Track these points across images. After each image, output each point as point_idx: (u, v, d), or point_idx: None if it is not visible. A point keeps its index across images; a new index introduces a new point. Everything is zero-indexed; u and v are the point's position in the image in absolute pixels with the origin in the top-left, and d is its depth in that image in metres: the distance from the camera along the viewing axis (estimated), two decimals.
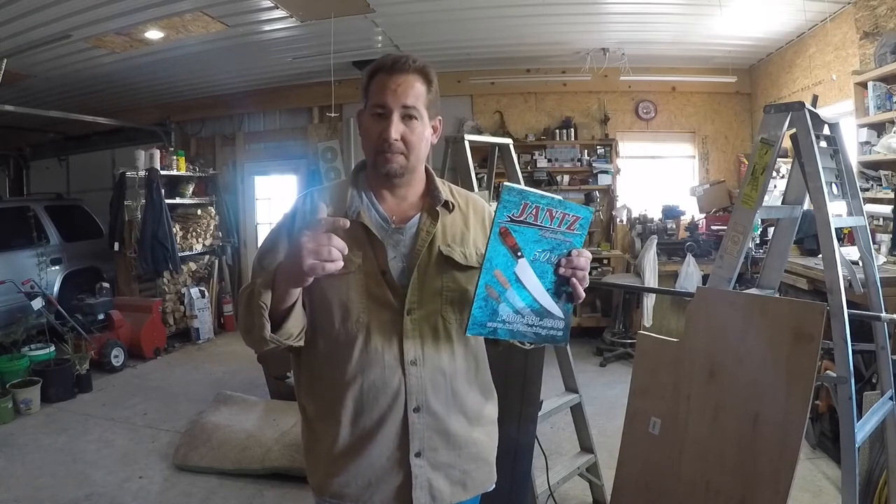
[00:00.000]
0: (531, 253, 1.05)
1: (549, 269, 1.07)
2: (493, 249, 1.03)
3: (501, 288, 1.06)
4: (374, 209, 1.18)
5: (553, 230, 1.05)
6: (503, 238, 1.03)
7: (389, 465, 1.12)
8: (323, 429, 1.16)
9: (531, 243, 1.05)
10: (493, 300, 1.06)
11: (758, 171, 1.79)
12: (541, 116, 6.28)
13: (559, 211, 1.04)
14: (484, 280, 1.04)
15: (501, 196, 1.00)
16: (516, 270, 1.05)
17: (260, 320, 1.01)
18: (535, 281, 1.08)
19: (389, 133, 1.10)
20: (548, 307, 1.10)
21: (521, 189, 1.02)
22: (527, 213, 1.02)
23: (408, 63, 1.12)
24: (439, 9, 4.34)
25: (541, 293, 1.09)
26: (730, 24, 4.66)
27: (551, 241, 1.06)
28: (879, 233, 3.58)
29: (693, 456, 1.65)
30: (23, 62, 4.83)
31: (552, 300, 1.10)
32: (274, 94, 6.57)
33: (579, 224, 1.06)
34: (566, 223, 1.05)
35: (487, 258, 1.03)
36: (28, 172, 8.36)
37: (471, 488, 1.20)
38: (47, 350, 4.43)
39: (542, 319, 1.10)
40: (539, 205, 1.02)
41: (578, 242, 1.07)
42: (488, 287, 1.05)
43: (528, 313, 1.09)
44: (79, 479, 3.08)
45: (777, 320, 1.56)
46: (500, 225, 1.02)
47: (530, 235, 1.04)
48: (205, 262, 6.54)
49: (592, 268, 6.14)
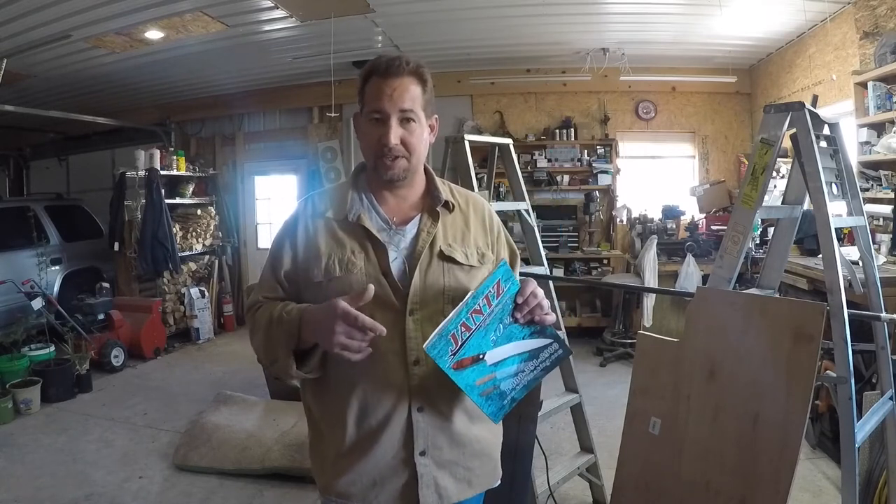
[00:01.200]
0: (489, 344, 1.05)
1: (513, 327, 1.08)
2: (460, 378, 1.03)
3: (491, 381, 1.07)
4: (374, 211, 1.19)
5: (489, 314, 1.04)
6: (460, 367, 1.03)
7: (395, 465, 1.13)
8: (328, 429, 1.17)
9: (483, 341, 1.05)
10: (492, 392, 1.08)
11: (758, 171, 1.79)
12: (541, 116, 6.28)
13: (480, 300, 1.03)
14: (475, 395, 1.06)
15: (429, 353, 1.00)
16: (490, 364, 1.06)
17: (286, 361, 1.07)
18: (510, 347, 1.09)
19: (389, 138, 1.11)
20: (535, 346, 1.11)
21: (439, 333, 1.00)
22: (460, 337, 1.02)
23: (402, 65, 1.11)
24: (439, 9, 4.34)
25: (521, 346, 1.10)
26: (730, 24, 4.65)
27: (495, 317, 1.05)
28: (879, 233, 3.58)
29: (693, 456, 1.65)
30: (23, 62, 4.83)
31: (534, 339, 1.11)
32: (274, 94, 6.57)
33: (503, 282, 1.05)
34: (493, 296, 1.04)
35: (462, 386, 1.04)
36: (28, 172, 8.36)
37: (476, 485, 1.21)
38: (47, 350, 4.43)
39: (539, 357, 1.12)
40: (461, 321, 1.02)
41: (514, 288, 1.07)
42: (482, 394, 1.07)
43: (525, 366, 1.11)
44: (79, 479, 3.08)
45: (777, 320, 1.56)
46: (450, 368, 1.02)
47: (477, 340, 1.04)
48: (205, 262, 6.54)
49: (592, 268, 6.13)
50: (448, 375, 1.02)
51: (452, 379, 1.03)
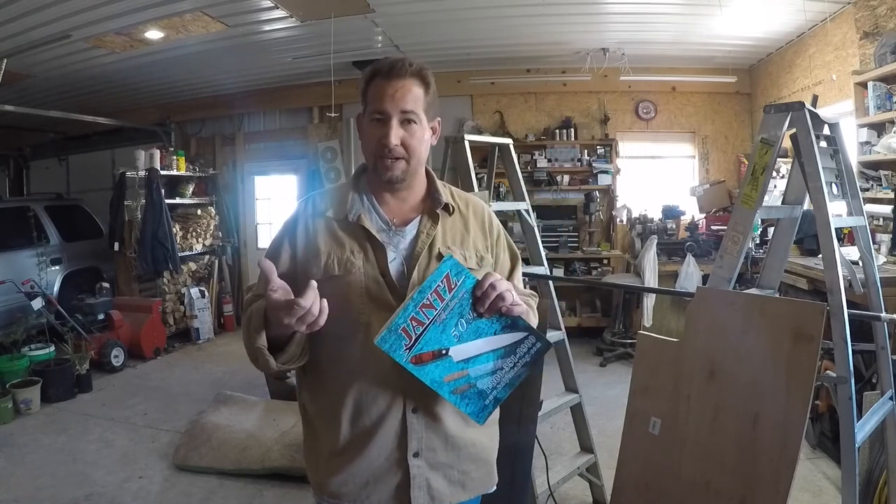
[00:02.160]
0: (450, 339, 1.03)
1: (480, 322, 1.06)
2: (423, 373, 1.02)
3: (463, 379, 1.05)
4: (374, 212, 1.19)
5: (443, 308, 1.02)
6: (420, 362, 1.01)
7: (388, 465, 1.13)
8: (323, 429, 1.17)
9: (442, 336, 1.02)
10: (468, 391, 1.06)
11: (758, 171, 1.79)
12: (541, 116, 6.28)
13: (428, 294, 1.01)
14: (445, 392, 1.04)
15: (382, 348, 0.98)
16: (457, 360, 1.04)
17: (263, 357, 1.05)
18: (480, 343, 1.06)
19: (389, 139, 1.11)
20: (510, 342, 1.09)
21: (388, 327, 0.99)
22: (412, 332, 1.00)
23: (405, 67, 1.12)
24: (439, 9, 4.34)
25: (493, 342, 1.07)
26: (730, 24, 4.65)
27: (453, 312, 1.03)
28: (879, 233, 3.58)
29: (693, 456, 1.65)
30: (23, 62, 4.83)
31: (506, 334, 1.08)
32: (274, 94, 6.57)
33: (454, 276, 1.02)
34: (443, 290, 1.02)
35: (428, 382, 1.02)
36: (28, 172, 8.36)
37: (470, 488, 1.20)
38: (47, 350, 4.43)
39: (516, 353, 1.10)
40: (410, 315, 0.99)
41: (470, 282, 1.04)
42: (454, 391, 1.05)
43: (502, 363, 1.08)
44: (79, 479, 3.08)
45: (777, 320, 1.56)
46: (408, 362, 1.00)
47: (435, 334, 1.02)
48: (205, 262, 6.54)
49: (592, 268, 6.13)
50: (407, 370, 1.01)
51: (413, 373, 1.01)
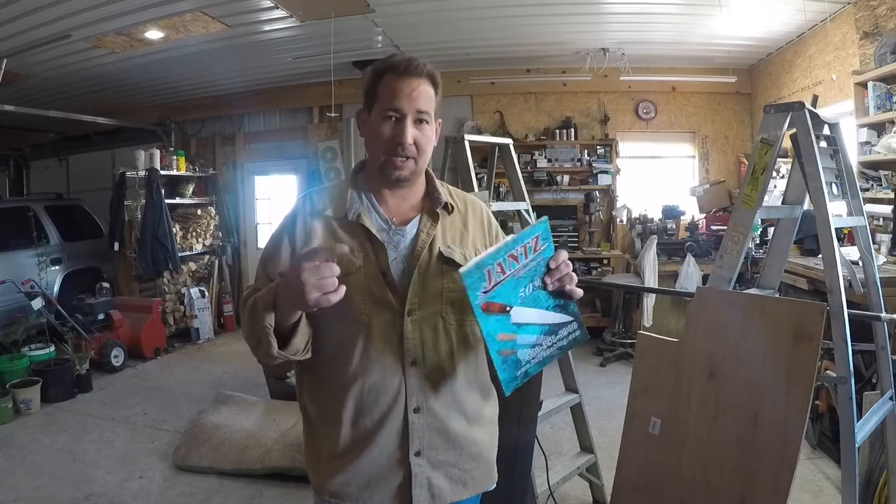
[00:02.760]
0: (517, 298, 1.04)
1: (540, 293, 1.07)
2: (484, 322, 1.01)
3: (511, 343, 1.05)
4: (374, 211, 1.18)
5: (524, 265, 1.04)
6: (487, 310, 1.01)
7: (389, 465, 1.12)
8: (324, 429, 1.16)
9: (512, 292, 1.03)
10: (510, 356, 1.06)
11: (758, 171, 1.79)
12: (541, 116, 6.28)
13: (519, 247, 1.02)
14: (493, 349, 1.03)
15: (463, 282, 0.97)
16: (514, 321, 1.05)
17: (266, 339, 1.03)
18: (534, 313, 1.07)
19: (405, 138, 1.10)
20: (557, 321, 1.10)
21: (477, 262, 0.98)
22: (493, 277, 1.00)
23: (420, 66, 1.12)
24: (439, 9, 4.34)
25: (544, 316, 1.09)
26: (730, 24, 4.65)
27: (528, 273, 1.05)
28: (879, 233, 3.58)
29: (693, 456, 1.65)
30: (23, 62, 4.83)
31: (557, 313, 1.10)
32: (274, 94, 6.57)
33: (541, 240, 1.05)
34: (530, 249, 1.04)
35: (485, 332, 1.02)
36: (28, 172, 8.37)
37: (471, 487, 1.20)
38: (47, 350, 4.42)
39: (557, 334, 1.11)
40: (499, 260, 1.00)
41: (549, 252, 1.07)
42: (500, 352, 1.04)
43: (544, 339, 1.09)
44: (79, 479, 3.08)
45: (777, 320, 1.56)
46: (479, 304, 1.00)
47: (508, 288, 1.03)
48: (205, 262, 6.54)
49: (592, 268, 6.11)
50: (474, 312, 1.00)
51: (478, 319, 1.01)
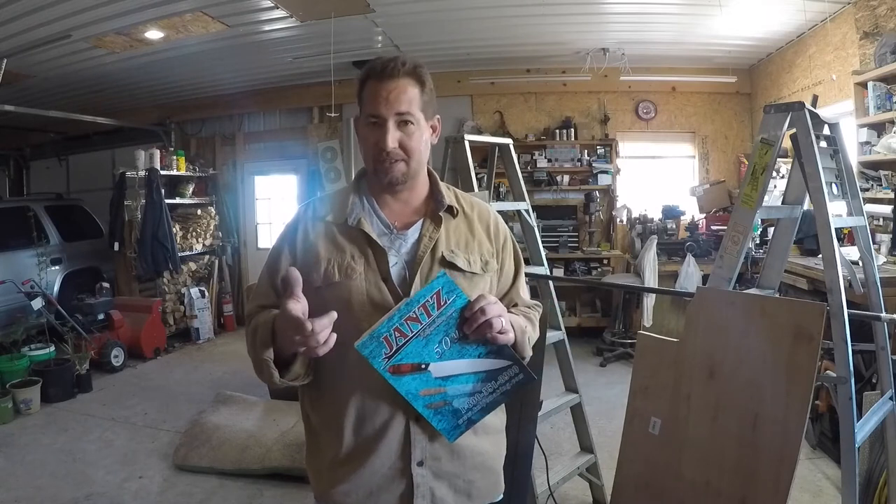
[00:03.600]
0: (432, 355, 1.01)
1: (465, 344, 1.03)
2: (398, 383, 0.99)
3: (440, 395, 1.03)
4: (375, 215, 1.17)
5: (429, 323, 0.99)
6: (397, 372, 0.99)
7: (391, 475, 1.11)
8: (326, 438, 1.15)
9: (423, 350, 1.00)
10: (443, 407, 1.04)
11: (758, 171, 1.79)
12: (541, 116, 6.28)
13: (416, 308, 0.98)
14: (419, 405, 1.02)
15: (362, 353, 0.96)
16: (435, 375, 1.02)
17: (268, 370, 1.05)
18: (462, 363, 1.03)
19: (386, 142, 1.09)
20: (492, 367, 1.06)
21: (370, 333, 0.96)
22: (394, 342, 0.97)
23: (397, 67, 1.09)
24: (439, 9, 4.34)
25: (476, 364, 1.04)
26: (730, 24, 4.65)
27: (438, 329, 1.00)
28: (879, 233, 3.58)
29: (693, 456, 1.65)
30: (23, 62, 4.83)
31: (491, 359, 1.05)
32: (274, 94, 6.57)
33: (445, 293, 0.99)
34: (432, 306, 0.99)
35: (402, 392, 1.00)
36: (28, 172, 8.37)
37: (476, 498, 1.18)
38: (47, 350, 4.42)
39: (497, 380, 1.07)
40: (394, 325, 0.97)
41: (460, 302, 1.00)
42: (429, 405, 1.03)
43: (482, 387, 1.06)
44: (79, 479, 3.08)
45: (777, 320, 1.56)
46: (386, 370, 0.98)
47: (417, 348, 0.99)
48: (205, 262, 6.54)
49: (592, 268, 6.12)
50: (384, 378, 0.99)
51: (389, 382, 1.00)
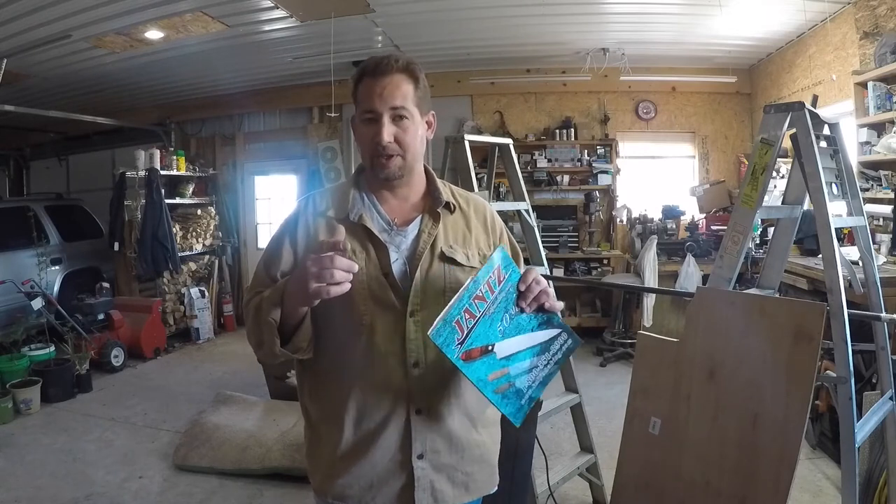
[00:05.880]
0: (496, 335, 1.02)
1: (520, 317, 1.05)
2: (470, 371, 1.00)
3: (505, 377, 1.04)
4: (376, 211, 1.18)
5: (493, 301, 1.02)
6: (469, 359, 1.00)
7: (392, 467, 1.12)
8: (326, 431, 1.16)
9: (489, 330, 1.02)
10: (508, 390, 1.05)
11: (758, 171, 1.79)
12: (541, 116, 6.28)
13: (482, 286, 1.00)
14: (489, 391, 1.02)
15: (435, 342, 0.96)
16: (500, 357, 1.03)
17: (270, 336, 1.04)
18: (519, 340, 1.06)
19: (381, 137, 1.10)
20: (546, 338, 1.09)
21: (443, 319, 0.96)
22: (465, 325, 0.98)
23: (391, 64, 1.11)
24: (439, 9, 4.34)
25: (532, 338, 1.07)
26: (730, 24, 4.65)
27: (499, 307, 1.03)
28: (879, 233, 3.58)
29: (693, 456, 1.65)
30: (23, 62, 4.83)
31: (544, 331, 1.08)
32: (274, 94, 6.57)
33: (503, 269, 1.03)
34: (494, 283, 1.02)
35: (474, 380, 1.00)
36: (28, 172, 8.37)
37: (473, 490, 1.20)
38: (47, 350, 4.42)
39: (550, 350, 1.10)
40: (465, 307, 0.98)
41: (516, 276, 1.05)
42: (496, 390, 1.03)
43: (538, 360, 1.09)
44: (79, 479, 3.08)
45: (777, 320, 1.56)
46: (458, 357, 0.98)
47: (483, 329, 1.01)
48: (205, 262, 6.54)
49: (592, 268, 6.12)
50: (458, 368, 0.99)
51: (463, 372, 0.99)
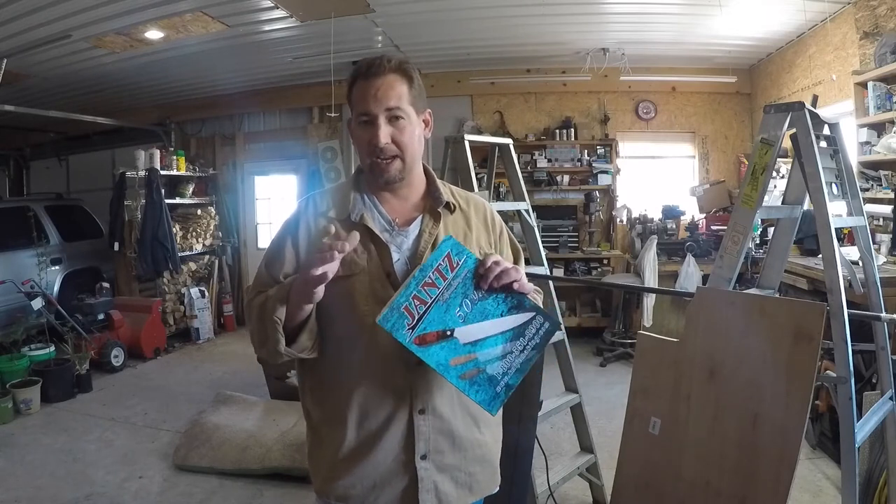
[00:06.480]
0: (455, 320, 1.00)
1: (485, 302, 1.02)
2: (426, 354, 0.98)
3: (472, 363, 1.01)
4: (377, 211, 1.18)
5: (446, 286, 0.99)
6: (423, 343, 0.97)
7: (395, 468, 1.12)
8: (328, 432, 1.16)
9: (445, 316, 0.99)
10: (477, 376, 1.02)
11: (758, 171, 1.79)
12: (541, 116, 6.28)
13: (430, 273, 0.99)
14: (451, 376, 0.99)
15: (383, 327, 0.95)
16: (462, 341, 1.00)
17: (274, 335, 1.03)
18: (485, 325, 1.02)
19: (378, 139, 1.10)
20: (518, 323, 1.05)
21: (390, 305, 0.96)
22: (414, 310, 0.97)
23: (383, 64, 1.11)
24: (439, 9, 4.34)
25: (501, 323, 1.03)
26: (730, 24, 4.65)
27: (456, 292, 1.00)
28: (879, 233, 3.58)
29: (693, 456, 1.65)
30: (23, 62, 4.83)
31: (514, 315, 1.04)
32: (274, 94, 6.57)
33: (455, 255, 1.01)
34: (445, 269, 1.00)
35: (433, 364, 0.98)
36: (28, 172, 8.37)
37: (476, 491, 1.20)
38: (47, 350, 4.42)
39: (525, 334, 1.06)
40: (412, 293, 0.97)
41: (471, 262, 1.02)
42: (462, 376, 1.00)
43: (511, 346, 1.04)
44: (79, 479, 3.08)
45: (777, 320, 1.56)
46: (412, 342, 0.96)
47: (437, 315, 0.98)
48: (205, 262, 6.54)
49: (592, 268, 6.13)
50: (411, 350, 0.97)
51: (417, 355, 0.98)
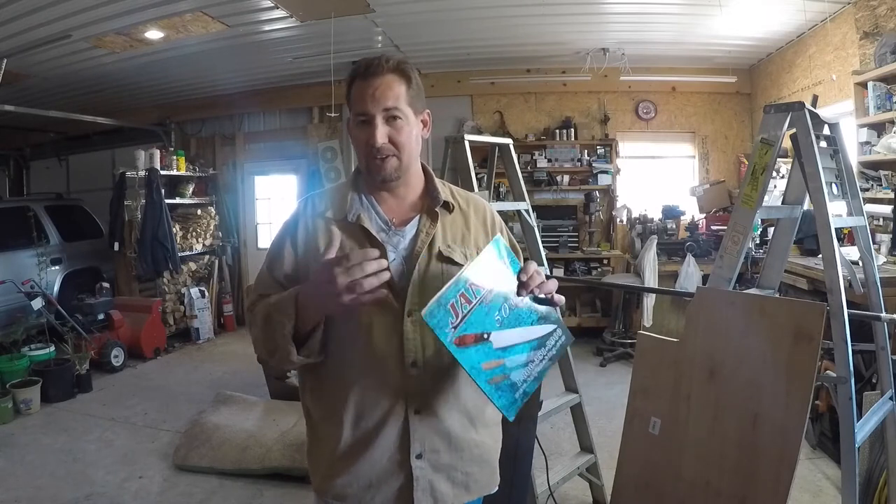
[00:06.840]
0: (493, 324, 1.01)
1: (520, 310, 1.05)
2: (463, 356, 0.98)
3: (500, 368, 1.03)
4: (374, 211, 1.18)
5: (491, 289, 1.01)
6: (462, 344, 0.98)
7: (390, 467, 1.12)
8: (326, 431, 1.16)
9: (486, 318, 1.00)
10: (503, 381, 1.03)
11: (758, 171, 1.79)
12: (541, 116, 6.28)
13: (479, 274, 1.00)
14: (482, 380, 1.00)
15: (428, 323, 0.95)
16: (496, 347, 1.02)
17: (285, 347, 1.04)
18: (518, 332, 1.05)
19: (375, 139, 1.10)
20: (542, 334, 1.08)
21: (437, 300, 0.95)
22: (460, 309, 0.97)
23: (381, 65, 1.11)
24: (439, 9, 4.34)
25: (530, 332, 1.06)
26: (730, 24, 4.65)
27: (498, 295, 1.02)
28: (879, 233, 3.58)
29: (693, 456, 1.65)
30: (23, 62, 4.83)
31: (541, 325, 1.08)
32: (274, 94, 6.57)
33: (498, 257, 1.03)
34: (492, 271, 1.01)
35: (467, 367, 0.98)
36: (28, 172, 8.37)
37: (474, 490, 1.20)
38: (47, 350, 4.42)
39: (545, 346, 1.09)
40: (461, 291, 0.97)
41: (516, 267, 1.04)
42: (490, 381, 1.01)
43: (533, 355, 1.07)
44: (79, 479, 3.08)
45: (777, 320, 1.56)
46: (451, 340, 0.97)
47: (479, 317, 0.99)
48: (205, 262, 6.54)
49: (592, 268, 6.12)
50: (450, 351, 0.97)
51: (455, 356, 0.97)
